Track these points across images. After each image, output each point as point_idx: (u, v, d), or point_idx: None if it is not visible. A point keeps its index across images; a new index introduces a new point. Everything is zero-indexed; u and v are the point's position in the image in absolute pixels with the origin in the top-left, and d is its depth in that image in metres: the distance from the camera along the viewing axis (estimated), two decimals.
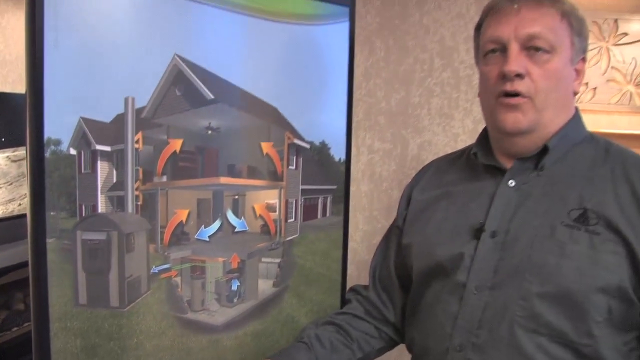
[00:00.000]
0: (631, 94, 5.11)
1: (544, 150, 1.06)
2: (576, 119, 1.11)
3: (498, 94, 1.05)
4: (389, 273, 1.28)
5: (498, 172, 1.11)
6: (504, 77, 1.03)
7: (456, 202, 1.16)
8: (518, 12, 1.04)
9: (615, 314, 0.98)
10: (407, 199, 1.27)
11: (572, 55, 1.06)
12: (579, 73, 1.09)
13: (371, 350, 1.27)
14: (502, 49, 1.05)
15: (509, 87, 1.03)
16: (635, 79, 5.09)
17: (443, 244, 1.13)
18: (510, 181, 1.08)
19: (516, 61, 1.02)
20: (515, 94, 1.03)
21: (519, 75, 1.02)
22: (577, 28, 1.06)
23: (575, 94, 1.10)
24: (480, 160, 1.14)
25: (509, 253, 1.04)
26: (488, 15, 1.10)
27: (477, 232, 1.08)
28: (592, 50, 4.92)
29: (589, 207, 1.00)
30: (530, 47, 1.03)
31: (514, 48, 1.03)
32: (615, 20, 4.94)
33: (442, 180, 1.23)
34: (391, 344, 1.30)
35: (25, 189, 3.16)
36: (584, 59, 1.09)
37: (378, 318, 1.27)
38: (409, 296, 1.23)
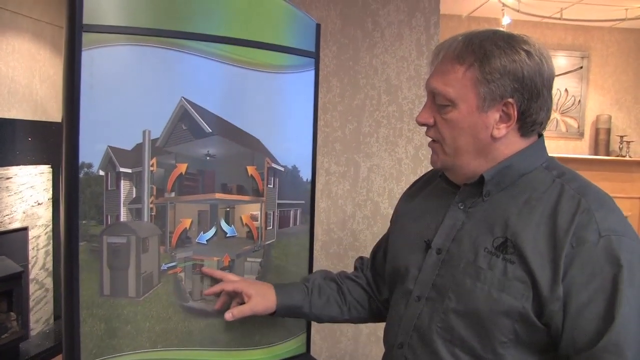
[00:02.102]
0: (557, 121, 5.61)
1: (483, 179, 1.09)
2: (528, 150, 1.10)
3: None
4: (381, 260, 1.40)
5: (455, 194, 1.15)
6: None
7: (424, 216, 1.21)
8: (435, 67, 1.11)
9: (522, 336, 1.02)
10: (399, 202, 1.37)
11: (478, 104, 1.05)
12: (507, 117, 1.06)
13: (357, 317, 1.41)
14: None
15: (425, 132, 1.15)
16: (561, 107, 5.60)
17: (403, 252, 1.22)
18: (460, 204, 1.13)
19: (423, 112, 1.12)
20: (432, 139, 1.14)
21: (427, 124, 1.12)
22: (485, 77, 1.03)
23: (495, 138, 1.07)
24: (441, 182, 1.21)
25: (443, 270, 1.11)
26: None
27: (427, 247, 1.15)
28: None
29: (509, 237, 1.03)
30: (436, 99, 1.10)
31: (427, 100, 1.13)
32: None
33: (424, 191, 1.29)
34: (377, 318, 1.42)
35: None
36: (510, 103, 1.05)
37: (373, 292, 1.40)
38: (388, 293, 1.33)
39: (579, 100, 5.60)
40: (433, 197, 1.24)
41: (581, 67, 5.58)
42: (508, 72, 1.03)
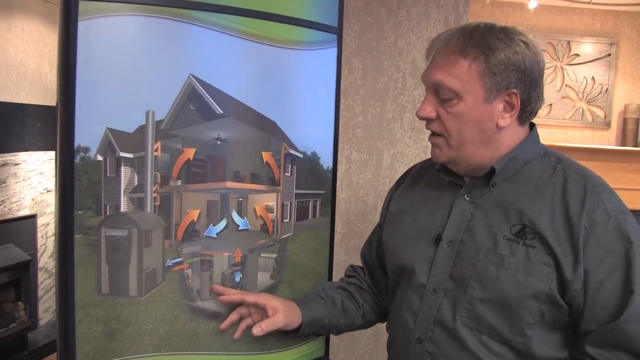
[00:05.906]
0: (583, 110, 5.41)
1: (493, 170, 1.14)
2: (528, 140, 1.16)
3: None
4: (374, 263, 1.41)
5: (458, 186, 1.20)
6: None
7: (424, 209, 1.24)
8: (434, 59, 1.12)
9: (547, 316, 1.09)
10: (388, 200, 1.37)
11: (485, 95, 1.08)
12: (510, 106, 1.11)
13: (370, 321, 1.42)
14: None
15: (425, 126, 1.16)
16: (587, 96, 5.41)
17: (408, 247, 1.23)
18: (466, 195, 1.17)
19: (424, 106, 1.13)
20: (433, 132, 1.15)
21: (430, 118, 1.14)
22: (491, 69, 1.07)
23: (500, 127, 1.11)
24: (440, 174, 1.23)
25: (459, 261, 1.14)
26: None
27: (437, 240, 1.18)
28: (547, 69, 5.20)
29: (526, 223, 1.09)
30: (438, 93, 1.12)
31: (428, 94, 1.14)
32: (568, 42, 5.24)
33: (418, 186, 1.31)
34: (384, 320, 1.40)
35: None
36: (514, 93, 1.09)
37: (377, 297, 1.41)
38: (388, 293, 1.34)
39: (606, 89, 5.39)
40: (430, 189, 1.27)
41: (609, 55, 5.36)
42: (512, 64, 1.08)
